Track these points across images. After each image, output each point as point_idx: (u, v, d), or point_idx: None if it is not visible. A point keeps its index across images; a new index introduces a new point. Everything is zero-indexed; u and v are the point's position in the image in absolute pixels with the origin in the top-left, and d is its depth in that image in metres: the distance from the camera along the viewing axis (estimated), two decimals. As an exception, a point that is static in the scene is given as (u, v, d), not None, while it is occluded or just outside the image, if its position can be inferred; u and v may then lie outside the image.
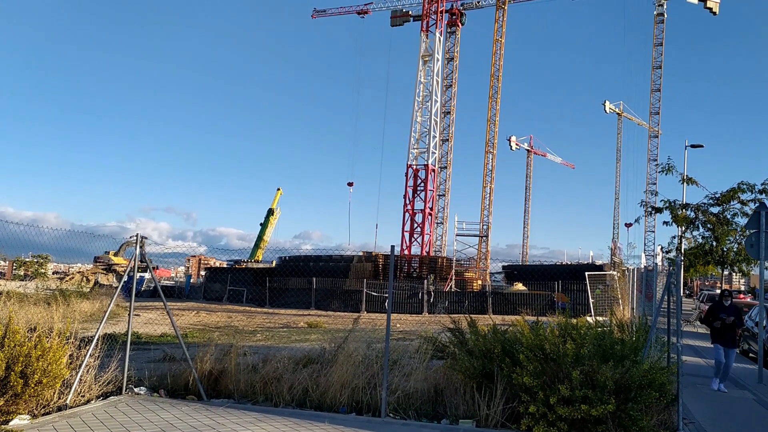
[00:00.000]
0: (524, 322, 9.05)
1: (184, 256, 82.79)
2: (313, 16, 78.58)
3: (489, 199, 65.56)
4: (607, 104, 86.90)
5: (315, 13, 78.29)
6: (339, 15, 76.64)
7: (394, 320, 26.41)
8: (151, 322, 21.80)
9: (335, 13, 76.56)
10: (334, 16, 77.55)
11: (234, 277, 43.27)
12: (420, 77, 51.76)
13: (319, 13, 78.06)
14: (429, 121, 50.82)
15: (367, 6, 72.67)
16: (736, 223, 24.03)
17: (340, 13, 76.04)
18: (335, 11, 76.57)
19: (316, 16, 78.53)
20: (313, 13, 78.42)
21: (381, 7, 72.20)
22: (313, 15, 78.49)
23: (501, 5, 66.38)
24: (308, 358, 10.63)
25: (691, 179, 25.49)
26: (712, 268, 27.28)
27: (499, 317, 28.63)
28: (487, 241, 62.73)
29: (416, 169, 50.60)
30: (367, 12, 72.68)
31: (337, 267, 41.61)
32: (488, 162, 66.07)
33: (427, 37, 51.99)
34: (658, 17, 68.97)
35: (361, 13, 73.14)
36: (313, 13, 78.42)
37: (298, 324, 25.63)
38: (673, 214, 24.89)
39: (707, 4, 66.16)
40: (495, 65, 66.41)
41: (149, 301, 36.28)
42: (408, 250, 49.67)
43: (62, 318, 11.29)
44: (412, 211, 50.54)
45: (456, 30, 68.65)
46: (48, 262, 54.39)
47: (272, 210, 78.57)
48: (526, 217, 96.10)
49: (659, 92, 70.70)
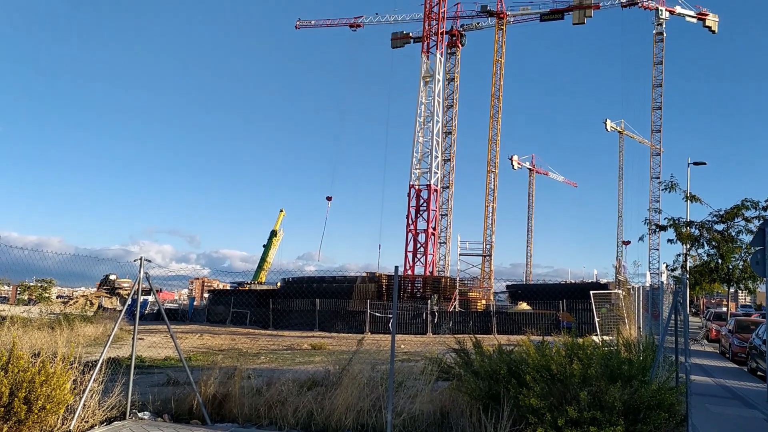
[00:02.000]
0: (530, 342, 8.99)
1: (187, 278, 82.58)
2: (296, 26, 74.20)
3: (492, 219, 65.54)
4: (609, 122, 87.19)
5: (299, 23, 73.72)
6: (327, 27, 72.89)
7: (399, 341, 26.25)
8: (154, 346, 21.71)
9: (322, 24, 72.79)
10: (321, 27, 73.46)
11: (237, 300, 43.15)
12: (421, 98, 52.04)
13: (303, 23, 73.64)
14: (431, 142, 51.00)
15: (358, 19, 70.09)
16: (741, 241, 24.00)
17: (328, 25, 72.61)
18: (322, 23, 72.80)
19: (301, 26, 73.95)
20: (297, 23, 73.95)
21: (373, 21, 69.80)
22: (297, 26, 74.06)
23: (500, 26, 66.93)
24: (312, 380, 10.55)
25: (694, 197, 25.50)
26: (718, 286, 27.19)
27: (504, 337, 28.44)
28: (490, 261, 62.56)
29: (418, 189, 50.66)
30: (359, 25, 70.18)
31: (340, 288, 41.50)
32: (490, 181, 66.18)
33: (428, 59, 52.36)
34: (657, 36, 69.39)
35: (353, 26, 70.37)
36: (297, 23, 73.95)
37: (302, 346, 25.50)
38: (677, 231, 24.88)
39: (706, 22, 66.63)
40: (495, 85, 66.80)
41: (153, 324, 36.15)
42: (411, 270, 49.53)
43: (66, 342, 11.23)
44: (415, 231, 50.50)
45: (456, 51, 69.17)
46: (52, 286, 54.36)
47: (275, 231, 78.56)
48: (529, 236, 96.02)
49: (660, 110, 70.88)
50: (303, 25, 73.84)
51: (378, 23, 69.86)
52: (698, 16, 66.71)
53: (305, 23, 73.58)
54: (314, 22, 73.34)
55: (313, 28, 74.07)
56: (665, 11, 67.81)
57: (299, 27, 74.15)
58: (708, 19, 66.56)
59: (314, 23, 73.39)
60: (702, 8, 66.80)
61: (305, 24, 73.67)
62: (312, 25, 73.73)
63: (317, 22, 73.17)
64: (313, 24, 73.46)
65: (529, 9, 66.59)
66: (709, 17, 66.60)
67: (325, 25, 72.91)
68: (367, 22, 69.91)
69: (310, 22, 73.55)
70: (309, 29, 75.00)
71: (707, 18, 66.57)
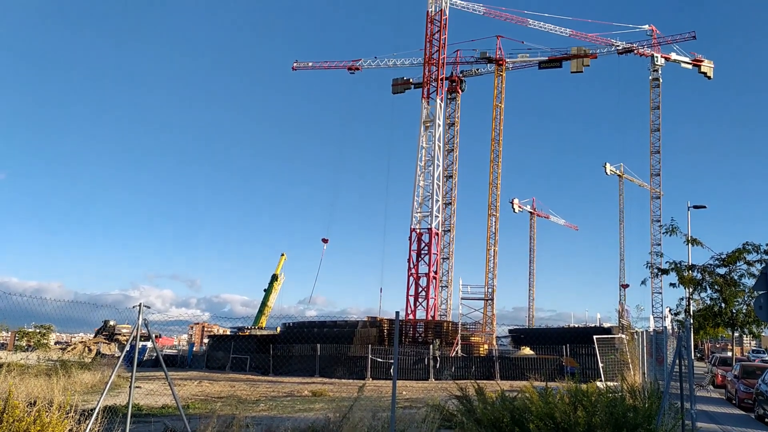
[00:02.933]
0: (533, 388, 8.88)
1: (187, 323, 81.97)
2: (293, 68, 73.38)
3: (493, 262, 65.39)
4: (608, 166, 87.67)
5: (296, 64, 72.89)
6: (325, 69, 72.17)
7: (400, 387, 25.88)
8: (152, 393, 21.40)
9: (320, 67, 72.33)
10: (318, 69, 72.68)
11: (237, 345, 42.71)
12: (422, 142, 52.56)
13: (300, 65, 72.83)
14: (431, 185, 51.30)
15: (356, 62, 69.75)
16: (743, 284, 23.87)
17: (326, 68, 72.10)
18: (319, 65, 72.28)
19: (298, 68, 73.10)
20: (294, 64, 73.30)
21: (372, 65, 69.61)
22: (294, 67, 73.27)
23: (500, 73, 68.06)
24: (312, 429, 10.38)
25: (695, 240, 25.49)
26: (722, 330, 26.96)
27: (507, 383, 28.05)
28: (492, 305, 62.09)
29: (420, 233, 50.71)
30: (357, 68, 69.75)
31: (341, 333, 41.10)
32: (491, 225, 66.28)
33: (428, 104, 53.08)
34: (654, 82, 70.45)
35: (351, 69, 69.92)
36: (294, 64, 73.30)
37: (302, 392, 25.13)
38: (679, 275, 24.80)
39: (701, 68, 67.69)
40: (495, 130, 67.55)
41: (151, 370, 35.73)
42: (413, 314, 49.18)
43: (63, 390, 11.10)
44: (416, 275, 50.34)
45: (456, 96, 70.15)
46: (51, 332, 53.93)
47: (276, 275, 78.16)
48: (531, 279, 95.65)
49: (659, 154, 71.45)
50: (300, 67, 73.26)
51: (377, 67, 70.00)
52: (693, 63, 67.82)
53: (302, 65, 73.03)
54: (311, 64, 72.87)
55: (311, 69, 73.48)
56: (661, 58, 68.97)
57: (296, 69, 73.60)
58: (703, 65, 67.64)
59: (311, 65, 72.89)
60: (697, 55, 68.00)
61: (302, 66, 73.09)
62: (309, 67, 73.12)
63: (315, 64, 72.80)
64: (310, 66, 72.93)
65: (528, 57, 67.82)
66: (704, 63, 67.69)
67: (323, 67, 72.48)
68: (365, 65, 69.94)
69: (307, 64, 72.99)
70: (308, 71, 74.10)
71: (702, 64, 67.66)
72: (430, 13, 53.00)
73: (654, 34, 68.38)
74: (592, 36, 66.00)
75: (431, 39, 53.33)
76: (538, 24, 66.28)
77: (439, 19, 52.66)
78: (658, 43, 68.41)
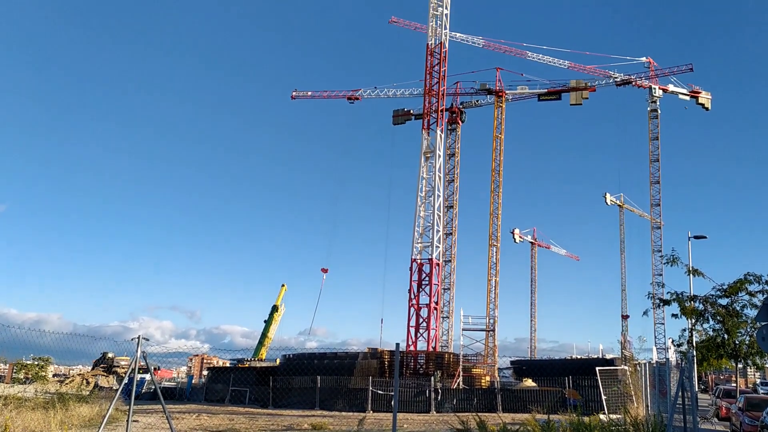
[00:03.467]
0: (535, 421, 8.79)
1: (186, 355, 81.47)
2: (293, 97, 73.45)
3: (495, 293, 65.20)
4: (608, 196, 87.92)
5: (295, 93, 72.83)
6: (324, 99, 72.31)
7: (401, 420, 25.55)
8: (150, 427, 21.15)
9: (319, 96, 72.41)
10: (318, 99, 72.72)
11: (237, 377, 42.29)
12: (422, 173, 52.75)
13: (300, 94, 72.80)
14: (432, 216, 51.33)
15: (356, 92, 69.86)
16: (746, 315, 23.72)
17: (326, 97, 72.20)
18: (319, 95, 72.36)
19: (297, 97, 73.18)
20: (293, 93, 73.29)
21: (372, 95, 69.76)
22: (293, 96, 73.30)
23: (499, 104, 68.71)
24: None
25: (696, 271, 25.40)
26: (725, 362, 26.73)
27: (509, 416, 27.73)
28: (494, 336, 61.67)
29: (420, 263, 50.57)
30: (357, 98, 69.79)
31: (342, 364, 40.73)
32: (492, 255, 66.25)
33: (428, 135, 53.39)
34: (652, 113, 71.03)
35: (351, 99, 70.04)
36: (293, 93, 73.29)
37: (301, 426, 24.82)
38: (681, 306, 24.68)
39: (699, 100, 68.31)
40: (495, 160, 67.96)
41: (149, 403, 35.33)
42: (414, 345, 48.78)
43: (60, 424, 10.97)
44: (417, 305, 50.07)
45: (456, 127, 70.71)
46: (49, 364, 53.51)
47: (277, 306, 77.79)
48: (533, 310, 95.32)
49: (658, 184, 71.72)
50: (299, 96, 73.22)
51: (377, 97, 70.23)
52: (691, 94, 68.48)
53: (301, 94, 73.06)
54: (311, 94, 72.97)
55: (310, 99, 73.43)
56: (658, 89, 69.68)
57: (295, 98, 73.56)
58: (701, 96, 68.29)
59: (311, 94, 72.97)
60: (695, 86, 68.69)
61: (301, 95, 73.09)
62: (308, 96, 73.12)
63: (314, 94, 72.92)
64: (309, 95, 72.98)
65: (527, 89, 68.54)
66: (702, 95, 68.37)
67: (322, 97, 72.61)
68: (365, 95, 70.16)
69: (306, 93, 73.04)
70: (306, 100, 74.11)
71: (700, 95, 68.32)
72: (430, 46, 53.61)
73: (651, 66, 69.27)
74: (590, 68, 66.89)
75: (431, 71, 53.86)
76: (537, 56, 67.21)
77: (439, 52, 53.23)
78: (656, 75, 69.26)
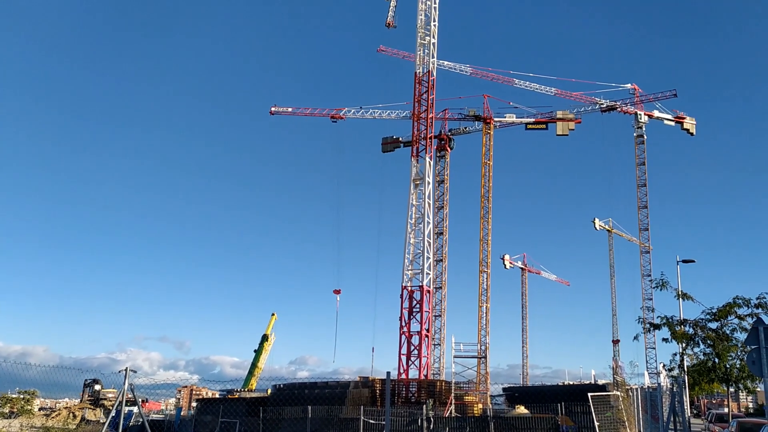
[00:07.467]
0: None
1: (175, 386, 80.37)
2: (271, 112, 71.63)
3: (486, 319, 65.04)
4: (597, 221, 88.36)
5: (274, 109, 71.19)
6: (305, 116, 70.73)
7: (393, 450, 25.22)
8: (138, 460, 20.77)
9: (300, 113, 70.86)
10: (299, 116, 71.23)
11: (226, 408, 41.65)
12: (412, 200, 52.90)
13: (279, 110, 71.06)
14: (422, 243, 51.34)
15: (339, 111, 68.65)
16: (736, 339, 23.75)
17: (307, 114, 70.69)
18: (300, 111, 70.70)
19: (276, 113, 71.49)
20: (272, 108, 71.41)
21: (356, 114, 68.65)
22: (272, 111, 71.50)
23: (487, 131, 69.30)
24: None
25: (686, 295, 25.43)
26: (717, 386, 26.71)
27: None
28: (486, 362, 61.23)
29: (411, 290, 50.44)
30: (341, 117, 68.66)
31: (333, 394, 40.26)
32: (483, 281, 66.18)
33: (418, 162, 53.67)
34: (638, 138, 71.90)
35: (334, 118, 68.81)
36: (272, 108, 71.41)
37: (292, 457, 24.46)
38: (671, 330, 24.67)
39: (684, 125, 69.27)
40: (484, 186, 68.31)
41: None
42: (405, 373, 48.41)
43: (45, 459, 10.79)
44: (408, 333, 49.80)
45: (446, 154, 71.10)
46: (35, 397, 52.57)
47: (267, 336, 77.11)
48: (524, 336, 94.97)
49: (646, 209, 72.29)
50: (279, 112, 71.61)
51: (362, 117, 69.15)
52: (676, 120, 69.46)
53: (281, 110, 71.34)
54: (291, 110, 71.19)
55: (290, 116, 71.93)
56: (644, 115, 70.64)
57: (274, 113, 71.85)
58: (686, 122, 69.26)
59: (291, 111, 71.16)
60: (679, 112, 69.71)
61: (281, 111, 71.41)
62: (289, 113, 71.44)
63: (295, 110, 71.17)
64: (290, 111, 71.24)
65: (514, 117, 69.24)
66: (686, 120, 69.33)
67: (304, 114, 70.99)
68: (349, 114, 69.10)
69: (287, 110, 71.15)
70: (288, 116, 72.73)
71: (685, 121, 69.29)
72: (418, 74, 54.17)
73: (636, 93, 70.29)
74: (576, 95, 67.78)
75: (419, 99, 54.33)
76: (524, 84, 68.06)
77: (427, 80, 53.78)
78: (641, 101, 70.22)
